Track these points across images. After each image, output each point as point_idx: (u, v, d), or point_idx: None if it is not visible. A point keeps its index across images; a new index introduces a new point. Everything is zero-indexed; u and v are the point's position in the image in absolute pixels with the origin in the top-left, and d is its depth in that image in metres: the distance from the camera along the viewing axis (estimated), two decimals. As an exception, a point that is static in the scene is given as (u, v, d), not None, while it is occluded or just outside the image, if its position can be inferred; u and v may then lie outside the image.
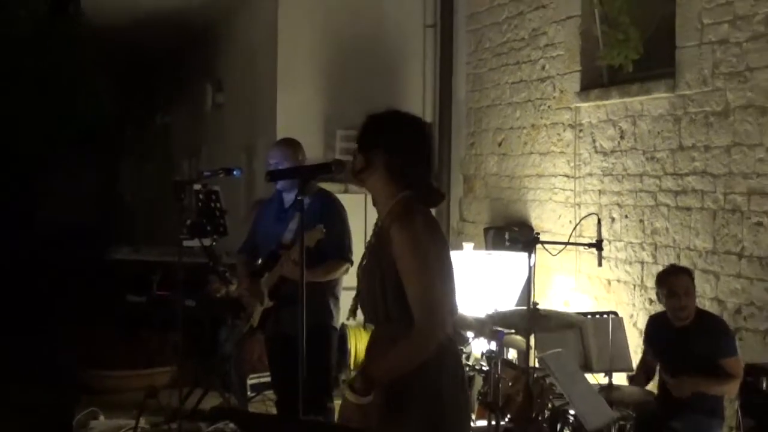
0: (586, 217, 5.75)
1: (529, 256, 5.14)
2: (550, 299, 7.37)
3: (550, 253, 5.68)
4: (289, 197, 5.63)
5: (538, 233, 6.06)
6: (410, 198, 3.50)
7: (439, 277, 3.39)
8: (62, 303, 11.67)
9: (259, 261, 5.72)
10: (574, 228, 5.73)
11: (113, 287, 8.32)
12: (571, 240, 5.54)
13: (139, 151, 16.76)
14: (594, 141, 7.11)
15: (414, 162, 3.54)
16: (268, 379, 7.78)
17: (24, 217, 16.17)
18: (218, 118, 11.53)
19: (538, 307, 5.23)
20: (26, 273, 13.27)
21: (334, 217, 5.52)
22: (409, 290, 3.34)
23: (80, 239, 14.83)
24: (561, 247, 5.65)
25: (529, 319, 5.12)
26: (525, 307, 5.26)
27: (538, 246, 5.33)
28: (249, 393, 7.60)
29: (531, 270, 5.15)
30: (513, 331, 5.83)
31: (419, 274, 3.33)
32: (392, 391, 3.36)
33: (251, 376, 7.63)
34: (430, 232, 3.43)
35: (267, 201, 6.01)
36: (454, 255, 8.46)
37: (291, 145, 5.78)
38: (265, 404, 7.58)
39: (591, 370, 5.72)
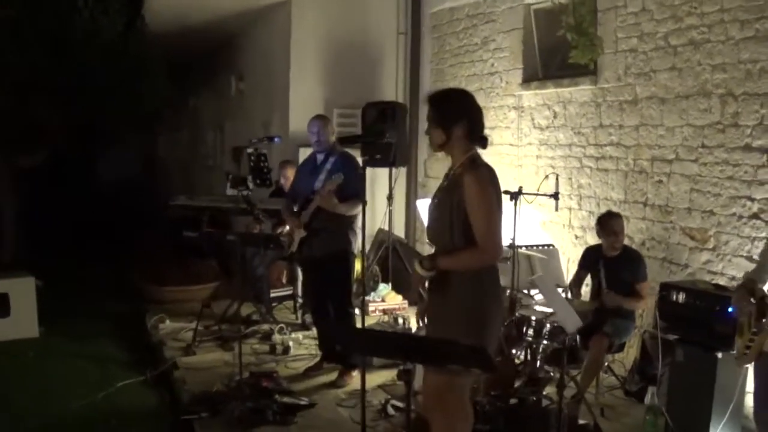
0: (547, 176, 5.55)
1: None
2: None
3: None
4: (320, 157, 5.45)
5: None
6: (476, 152, 3.30)
7: (497, 214, 3.20)
8: (136, 239, 11.33)
9: (297, 204, 5.54)
10: (540, 185, 5.54)
11: (173, 226, 7.96)
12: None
13: (173, 126, 16.21)
14: (533, 119, 6.93)
15: (475, 125, 3.30)
16: (286, 292, 7.59)
17: (99, 177, 15.59)
18: (240, 100, 11.09)
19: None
20: (106, 218, 12.77)
21: (353, 170, 5.33)
22: (474, 223, 3.15)
23: (135, 191, 14.40)
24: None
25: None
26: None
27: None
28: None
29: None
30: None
31: (484, 212, 3.15)
32: (444, 278, 3.25)
33: (272, 291, 7.37)
34: (491, 182, 3.22)
35: (305, 161, 5.75)
36: (419, 202, 8.23)
37: (324, 118, 5.61)
38: (282, 312, 7.44)
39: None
